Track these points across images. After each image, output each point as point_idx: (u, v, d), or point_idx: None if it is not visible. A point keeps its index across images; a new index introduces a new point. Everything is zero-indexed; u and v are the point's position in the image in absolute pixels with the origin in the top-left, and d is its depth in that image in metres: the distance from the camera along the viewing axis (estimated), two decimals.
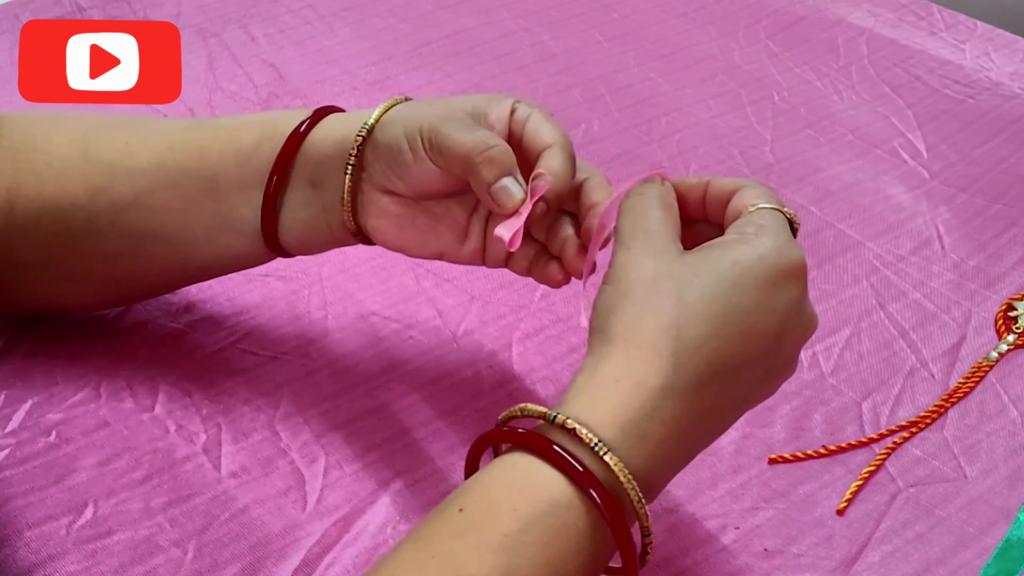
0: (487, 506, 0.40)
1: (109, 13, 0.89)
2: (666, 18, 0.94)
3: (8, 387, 0.57)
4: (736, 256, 0.42)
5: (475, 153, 0.47)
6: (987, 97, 0.85)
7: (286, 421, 0.57)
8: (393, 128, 0.50)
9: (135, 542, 0.50)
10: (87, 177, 0.53)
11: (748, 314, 0.42)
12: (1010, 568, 0.52)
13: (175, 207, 0.53)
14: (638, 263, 0.43)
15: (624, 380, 0.41)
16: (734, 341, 0.42)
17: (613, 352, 0.41)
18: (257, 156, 0.52)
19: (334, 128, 0.52)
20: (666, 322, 0.41)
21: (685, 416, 0.41)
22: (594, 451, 0.40)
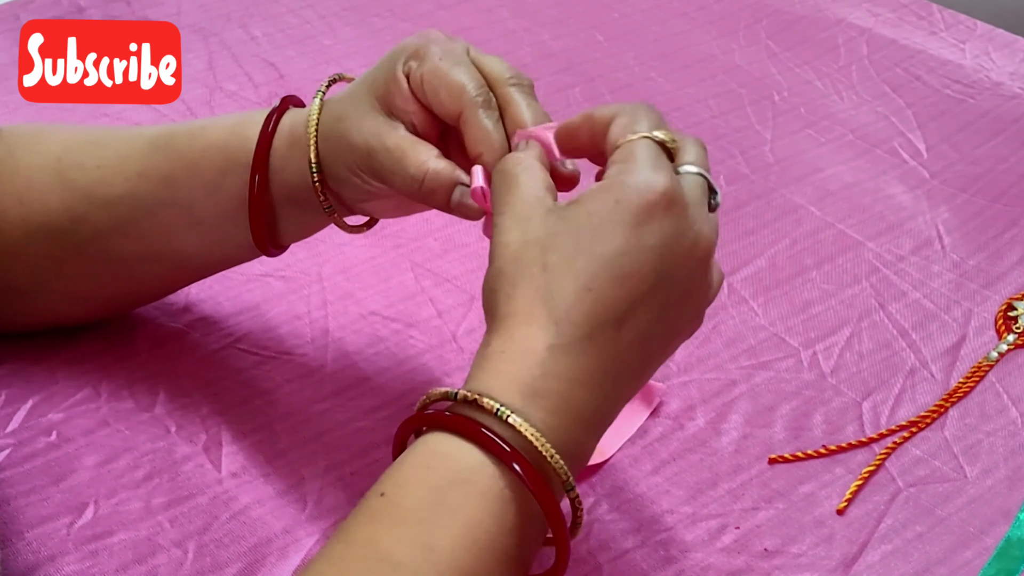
0: (403, 484, 0.40)
1: (109, 13, 0.89)
2: (666, 18, 0.94)
3: (8, 387, 0.57)
4: (591, 207, 0.42)
5: (415, 189, 0.48)
6: (987, 97, 0.85)
7: (286, 421, 0.57)
8: (335, 167, 0.50)
9: (135, 542, 0.50)
10: (66, 204, 0.53)
11: (615, 260, 0.41)
12: (1010, 568, 0.52)
13: (158, 233, 0.53)
14: (505, 238, 0.43)
15: (509, 349, 0.41)
16: (607, 289, 0.41)
17: (497, 328, 0.42)
18: (225, 188, 0.51)
19: (288, 156, 0.51)
20: (535, 288, 0.42)
21: (583, 368, 0.41)
22: (498, 416, 0.40)
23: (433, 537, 0.39)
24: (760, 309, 0.66)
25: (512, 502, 0.40)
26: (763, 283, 0.67)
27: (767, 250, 0.70)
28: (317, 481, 0.54)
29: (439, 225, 0.70)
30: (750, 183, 0.76)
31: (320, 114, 0.50)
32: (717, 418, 0.59)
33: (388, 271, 0.66)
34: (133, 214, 0.53)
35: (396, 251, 0.68)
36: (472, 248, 0.69)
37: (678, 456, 0.56)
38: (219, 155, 0.52)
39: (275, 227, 0.53)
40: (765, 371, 0.61)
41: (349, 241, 0.68)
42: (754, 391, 0.60)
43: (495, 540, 0.39)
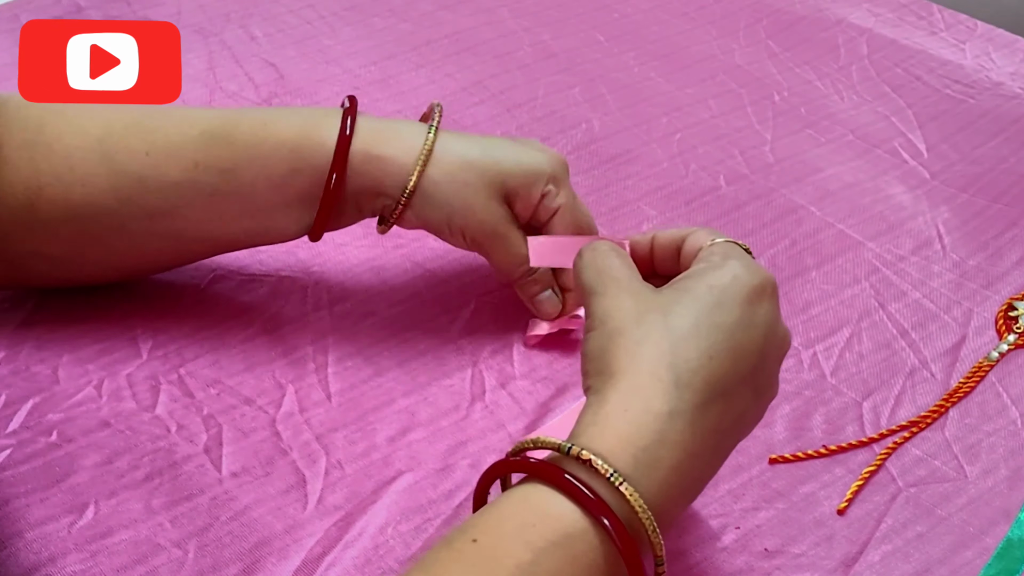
0: (499, 537, 0.39)
1: (109, 13, 0.89)
2: (666, 18, 0.94)
3: (9, 387, 0.57)
4: (711, 281, 0.44)
5: (519, 275, 0.58)
6: (987, 97, 0.85)
7: (286, 421, 0.57)
8: (432, 211, 0.56)
9: (136, 542, 0.50)
10: (115, 187, 0.54)
11: (733, 332, 0.43)
12: (1011, 568, 0.52)
13: (212, 218, 0.55)
14: (618, 303, 0.44)
15: (632, 408, 0.41)
16: (726, 359, 0.43)
17: (617, 385, 0.42)
18: (293, 184, 0.54)
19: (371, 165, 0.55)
20: (661, 349, 0.42)
21: (692, 440, 0.41)
22: (609, 481, 0.39)
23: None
24: None
25: (605, 571, 0.39)
26: None
27: (767, 250, 0.70)
28: (317, 481, 0.54)
29: None
30: (750, 183, 0.76)
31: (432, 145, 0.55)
32: None
33: (388, 271, 0.66)
34: (188, 199, 0.54)
35: (396, 251, 0.68)
36: None
37: None
38: (290, 154, 0.54)
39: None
40: None
41: (349, 241, 0.68)
42: None
43: None
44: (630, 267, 0.47)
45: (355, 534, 0.52)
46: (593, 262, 0.47)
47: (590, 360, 0.44)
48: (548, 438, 0.41)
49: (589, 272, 0.47)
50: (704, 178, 0.76)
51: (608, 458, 0.40)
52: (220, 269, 0.64)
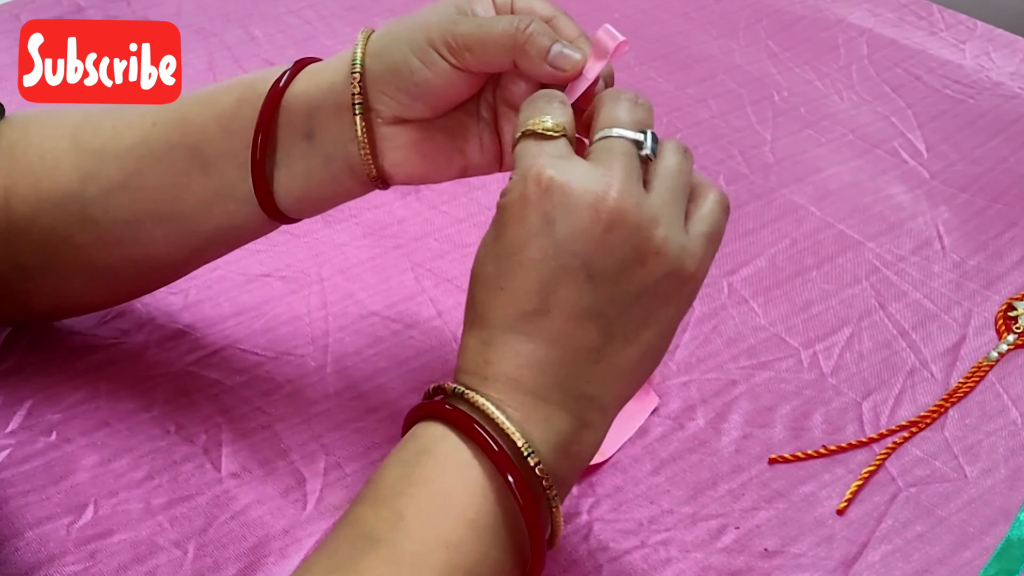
0: (382, 467, 0.43)
1: (109, 13, 0.89)
2: (666, 18, 0.94)
3: (8, 387, 0.57)
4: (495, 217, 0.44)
5: (519, 34, 0.47)
6: (987, 97, 0.85)
7: (286, 421, 0.57)
8: (394, 50, 0.48)
9: (135, 542, 0.50)
10: (77, 165, 0.53)
11: (513, 254, 0.43)
12: (1010, 568, 0.52)
13: (165, 183, 0.52)
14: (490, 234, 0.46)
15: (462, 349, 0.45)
16: (516, 281, 0.43)
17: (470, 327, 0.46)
18: (239, 118, 0.51)
19: (317, 75, 0.51)
20: (471, 299, 0.45)
21: (522, 354, 0.43)
22: (456, 394, 0.43)
23: (403, 508, 0.41)
24: (760, 309, 0.66)
25: (475, 469, 0.41)
26: (763, 283, 0.67)
27: (767, 250, 0.70)
28: (317, 481, 0.54)
29: (439, 225, 0.70)
30: (750, 183, 0.75)
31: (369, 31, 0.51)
32: (717, 418, 0.59)
33: (388, 271, 0.66)
34: (140, 164, 0.52)
35: (396, 251, 0.68)
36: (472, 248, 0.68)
37: (678, 456, 0.56)
38: (238, 85, 0.52)
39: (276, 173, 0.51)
40: (765, 371, 0.61)
41: (349, 241, 0.68)
42: (754, 391, 0.60)
43: (465, 507, 0.41)
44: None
45: None
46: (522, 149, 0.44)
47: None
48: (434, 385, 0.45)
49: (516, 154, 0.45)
50: None
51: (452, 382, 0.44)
52: (220, 269, 0.64)
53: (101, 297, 0.59)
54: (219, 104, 0.52)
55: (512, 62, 0.47)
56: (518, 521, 0.42)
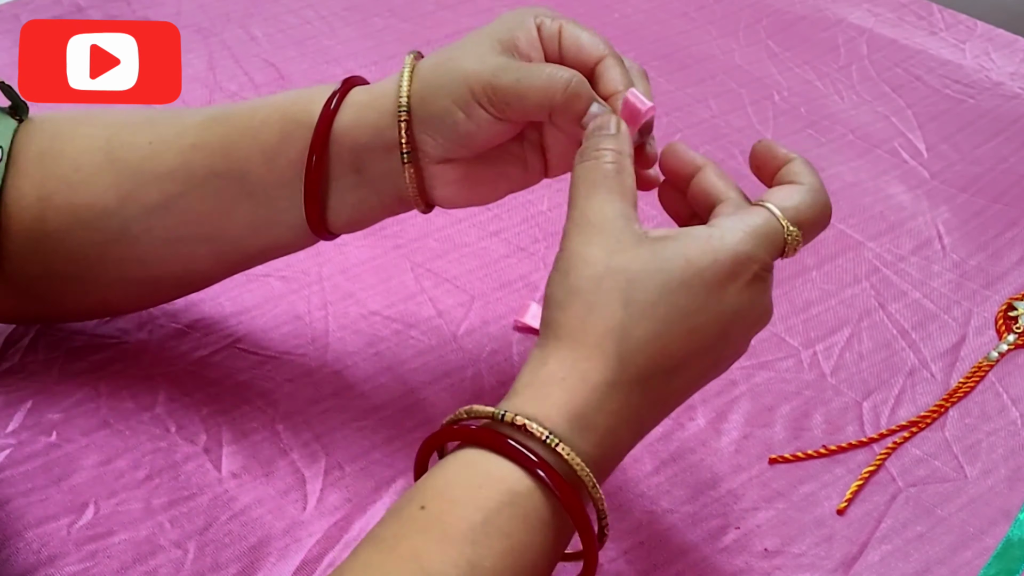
0: (448, 502, 0.40)
1: (109, 13, 0.89)
2: (666, 18, 0.94)
3: (8, 387, 0.57)
4: (690, 254, 0.43)
5: (558, 93, 0.47)
6: (987, 97, 0.85)
7: (286, 421, 0.57)
8: (437, 100, 0.48)
9: (136, 542, 0.50)
10: (116, 183, 0.52)
11: (692, 315, 0.42)
12: (1010, 568, 0.52)
13: (210, 208, 0.52)
14: (587, 254, 0.43)
15: (570, 377, 0.42)
16: (678, 339, 0.42)
17: (560, 349, 0.42)
18: (285, 153, 0.50)
19: (363, 113, 0.50)
20: (612, 323, 0.42)
21: (629, 407, 0.42)
22: (545, 443, 0.40)
23: (480, 558, 0.39)
24: None
25: (552, 525, 0.41)
26: None
27: None
28: (317, 481, 0.54)
29: (439, 225, 0.70)
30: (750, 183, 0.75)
31: (414, 60, 0.50)
32: (717, 418, 0.59)
33: (388, 271, 0.66)
34: (183, 188, 0.51)
35: (396, 251, 0.68)
36: (472, 248, 0.69)
37: (678, 456, 0.56)
38: (280, 119, 0.51)
39: (327, 202, 0.51)
40: (765, 371, 0.61)
41: (349, 241, 0.68)
42: (754, 391, 0.60)
43: (536, 564, 0.41)
44: (623, 197, 0.44)
45: (355, 534, 0.52)
46: (586, 176, 0.45)
47: (547, 307, 0.44)
48: (482, 408, 0.42)
49: (578, 194, 0.45)
50: None
51: (543, 421, 0.41)
52: None
53: (134, 304, 0.59)
54: (262, 136, 0.51)
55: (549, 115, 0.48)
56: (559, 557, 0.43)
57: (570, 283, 0.43)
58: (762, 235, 0.44)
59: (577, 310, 0.42)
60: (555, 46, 0.50)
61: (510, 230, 0.70)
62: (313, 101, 0.51)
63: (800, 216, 0.45)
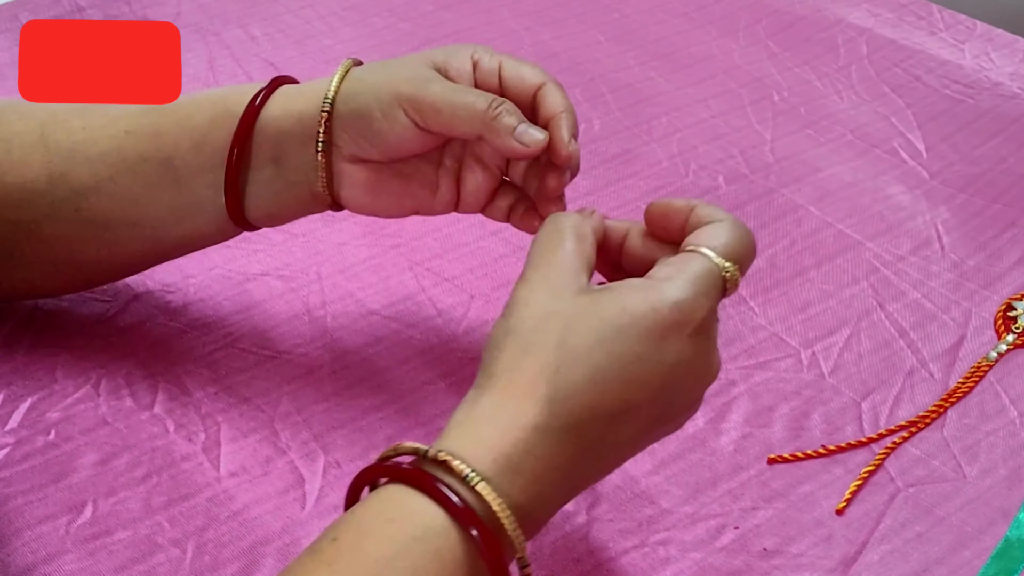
0: (358, 534, 0.39)
1: (109, 13, 0.90)
2: (666, 18, 0.94)
3: (7, 386, 0.57)
4: (627, 303, 0.42)
5: (490, 111, 0.49)
6: (987, 97, 0.85)
7: (286, 420, 0.57)
8: (360, 98, 0.51)
9: (134, 541, 0.51)
10: (47, 163, 0.53)
11: (629, 363, 0.42)
12: (1009, 568, 0.52)
13: (136, 193, 0.53)
14: (531, 298, 0.43)
15: (499, 417, 0.41)
16: (614, 387, 0.42)
17: (492, 389, 0.42)
18: (212, 137, 0.52)
19: (290, 103, 0.52)
20: (544, 364, 0.41)
21: (561, 454, 0.41)
22: (466, 481, 0.39)
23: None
24: (759, 309, 0.66)
25: (467, 570, 0.39)
26: (762, 283, 0.67)
27: (767, 250, 0.70)
28: (316, 481, 0.54)
29: (439, 225, 0.70)
30: (750, 183, 0.76)
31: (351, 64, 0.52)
32: (716, 418, 0.59)
33: (388, 271, 0.66)
34: (114, 171, 0.53)
35: (395, 251, 0.68)
36: (472, 247, 0.69)
37: (677, 456, 0.56)
38: (212, 107, 0.53)
39: (246, 191, 0.53)
40: (764, 371, 0.61)
41: (349, 241, 0.68)
42: (753, 391, 0.60)
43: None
44: (576, 253, 0.44)
45: None
46: (542, 239, 0.45)
47: (486, 348, 0.43)
48: (409, 444, 0.41)
49: (534, 249, 0.45)
50: (704, 178, 0.76)
51: (467, 460, 0.40)
52: (219, 268, 0.64)
53: (58, 286, 0.59)
54: (192, 121, 0.53)
55: (478, 134, 0.49)
56: None
57: (509, 324, 0.43)
58: (702, 280, 0.43)
59: (513, 350, 0.42)
60: (494, 80, 0.51)
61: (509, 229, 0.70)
62: (245, 93, 0.53)
63: (731, 251, 0.44)
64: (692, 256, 0.44)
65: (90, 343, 0.60)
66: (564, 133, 0.49)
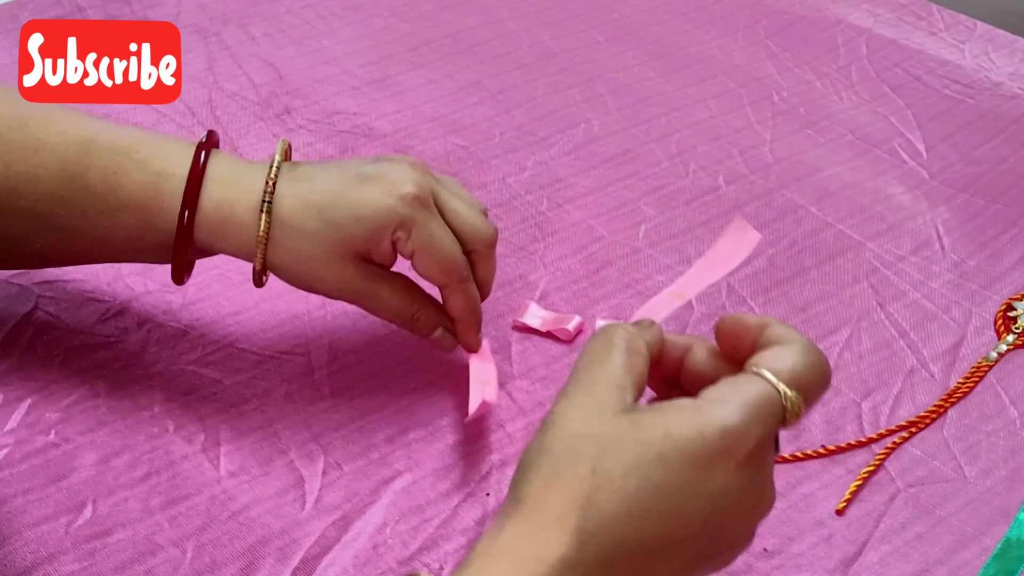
0: None
1: (109, 13, 0.89)
2: (666, 18, 0.94)
3: (7, 386, 0.57)
4: (671, 426, 0.38)
5: (402, 322, 0.56)
6: (987, 97, 0.85)
7: (285, 421, 0.57)
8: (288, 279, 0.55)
9: (134, 541, 0.50)
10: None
11: (674, 494, 0.37)
12: (1009, 568, 0.52)
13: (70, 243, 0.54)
14: (569, 415, 0.39)
15: (522, 550, 0.37)
16: (653, 521, 0.37)
17: (517, 516, 0.38)
18: (145, 239, 0.53)
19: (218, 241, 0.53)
20: (576, 491, 0.37)
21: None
22: None
23: None
24: (760, 309, 0.65)
25: None
26: (762, 283, 0.67)
27: (767, 250, 0.70)
28: (316, 481, 0.54)
29: None
30: (750, 183, 0.75)
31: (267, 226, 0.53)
32: None
33: None
34: (45, 226, 0.53)
35: None
36: None
37: None
38: (139, 216, 0.52)
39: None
40: None
41: None
42: None
43: None
44: (624, 369, 0.40)
45: (353, 534, 0.52)
46: (591, 352, 0.41)
47: (517, 469, 0.39)
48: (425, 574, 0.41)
49: (580, 362, 0.41)
50: (704, 178, 0.76)
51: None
52: (219, 268, 0.64)
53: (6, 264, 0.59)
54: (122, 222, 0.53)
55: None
56: None
57: (544, 442, 0.39)
58: (757, 405, 0.38)
59: (544, 472, 0.38)
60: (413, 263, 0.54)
61: (510, 230, 0.70)
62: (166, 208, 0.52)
63: (798, 378, 0.39)
64: (750, 378, 0.39)
65: (90, 343, 0.60)
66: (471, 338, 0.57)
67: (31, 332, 0.60)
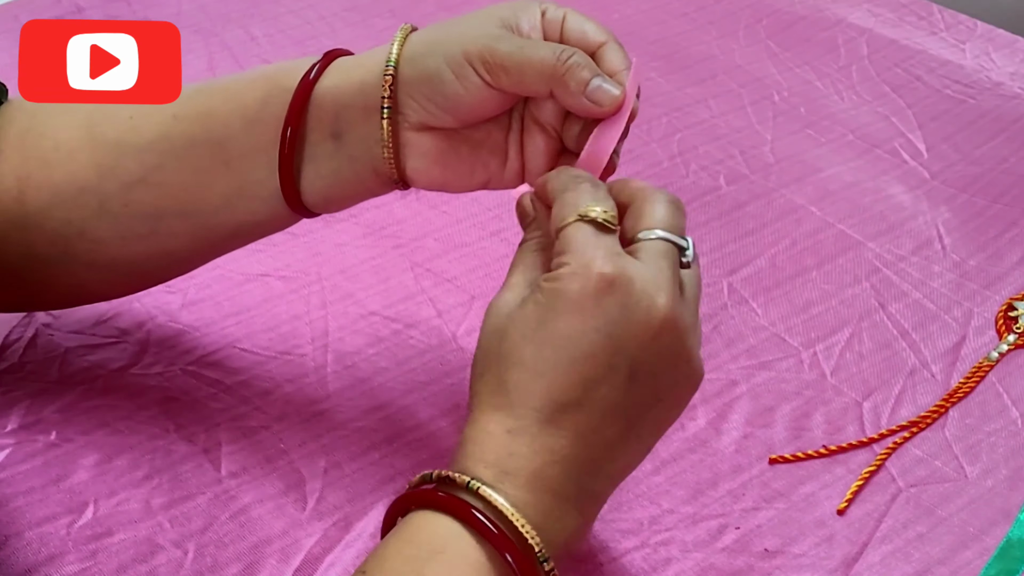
0: (381, 560, 0.41)
1: (109, 13, 0.89)
2: (666, 18, 0.94)
3: (7, 386, 0.57)
4: (537, 298, 0.43)
5: (559, 64, 0.47)
6: (987, 97, 0.85)
7: (286, 421, 0.57)
8: (428, 59, 0.48)
9: (135, 542, 0.50)
10: (95, 159, 0.51)
11: (563, 345, 0.41)
12: (1011, 568, 0.52)
13: (187, 180, 0.51)
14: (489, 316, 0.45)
15: (475, 434, 0.42)
16: (559, 373, 0.42)
17: (471, 412, 0.44)
18: (265, 115, 0.50)
19: (349, 72, 0.50)
20: (495, 376, 0.43)
21: (549, 448, 0.42)
22: (470, 488, 0.41)
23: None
24: (760, 309, 0.65)
25: (490, 572, 0.40)
26: (763, 283, 0.67)
27: (767, 250, 0.70)
28: (317, 481, 0.54)
29: (439, 225, 0.70)
30: (750, 183, 0.75)
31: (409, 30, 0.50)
32: (717, 418, 0.59)
33: (388, 271, 0.66)
34: (161, 159, 0.51)
35: (396, 251, 0.68)
36: (472, 248, 0.68)
37: (678, 456, 0.56)
38: (264, 83, 0.50)
39: (302, 171, 0.51)
40: (765, 371, 0.61)
41: (349, 241, 0.68)
42: (754, 391, 0.60)
43: None
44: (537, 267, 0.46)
45: (354, 534, 0.52)
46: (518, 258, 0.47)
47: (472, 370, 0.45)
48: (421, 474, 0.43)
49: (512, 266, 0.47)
50: (704, 178, 0.76)
51: (465, 472, 0.41)
52: (219, 268, 0.64)
53: (115, 289, 0.58)
54: (243, 99, 0.50)
55: (549, 90, 0.47)
56: None
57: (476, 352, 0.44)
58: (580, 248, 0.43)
59: (474, 375, 0.44)
60: (557, 31, 0.49)
61: (510, 230, 0.70)
62: (298, 68, 0.50)
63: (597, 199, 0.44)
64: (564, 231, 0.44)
65: (90, 343, 0.60)
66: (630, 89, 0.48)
67: (31, 333, 0.60)
